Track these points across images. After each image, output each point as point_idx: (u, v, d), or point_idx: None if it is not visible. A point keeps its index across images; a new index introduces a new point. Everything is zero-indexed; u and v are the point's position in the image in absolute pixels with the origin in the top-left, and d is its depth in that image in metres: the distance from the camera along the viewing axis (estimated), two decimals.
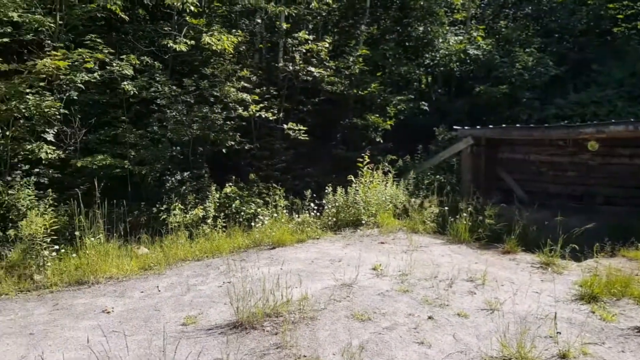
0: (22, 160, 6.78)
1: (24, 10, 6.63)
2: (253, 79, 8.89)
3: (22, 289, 5.16)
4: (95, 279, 5.39)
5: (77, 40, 7.46)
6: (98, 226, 5.94)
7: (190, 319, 4.32)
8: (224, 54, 8.03)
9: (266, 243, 6.80)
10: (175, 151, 7.97)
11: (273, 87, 9.41)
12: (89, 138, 7.38)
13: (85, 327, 4.20)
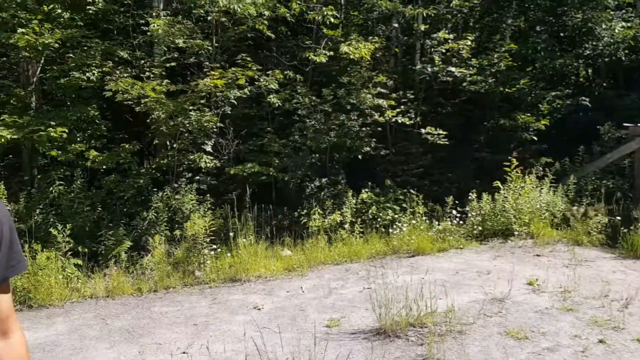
0: (186, 169, 7.79)
1: (187, 36, 7.63)
2: (389, 84, 8.90)
3: (186, 283, 5.89)
4: (246, 277, 5.90)
5: (230, 60, 8.34)
6: (248, 228, 6.51)
7: (334, 322, 4.44)
8: (361, 61, 8.20)
9: (405, 250, 6.71)
10: (314, 158, 8.37)
11: (409, 90, 9.30)
12: (240, 148, 8.16)
13: (239, 322, 4.60)
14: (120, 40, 8.46)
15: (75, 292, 5.48)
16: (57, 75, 7.63)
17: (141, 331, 4.51)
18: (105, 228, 6.49)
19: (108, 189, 7.18)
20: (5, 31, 7.24)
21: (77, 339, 4.35)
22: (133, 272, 6.00)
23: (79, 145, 7.11)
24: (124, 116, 8.42)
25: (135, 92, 6.84)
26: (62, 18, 7.77)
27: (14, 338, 1.24)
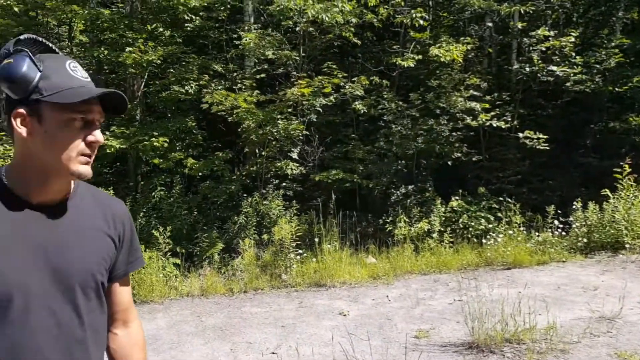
0: (273, 175, 8.13)
1: (276, 48, 8.01)
2: (482, 85, 8.57)
3: (273, 286, 6.12)
4: (331, 282, 5.99)
5: (316, 69, 8.60)
6: (333, 234, 6.62)
7: (422, 333, 4.36)
8: (452, 63, 7.99)
9: (499, 262, 6.39)
10: (400, 165, 8.30)
11: (505, 92, 8.87)
12: (325, 155, 8.34)
13: (325, 327, 4.69)
14: (215, 55, 9.10)
15: (173, 290, 5.95)
16: (159, 89, 8.40)
17: (233, 330, 4.76)
18: (201, 231, 6.98)
19: (203, 194, 7.72)
20: (114, 50, 8.14)
21: (175, 334, 4.70)
22: (225, 272, 6.37)
23: (178, 153, 7.74)
24: (218, 126, 9.01)
25: (229, 103, 7.30)
26: (164, 36, 8.56)
27: (133, 327, 1.36)
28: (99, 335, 1.21)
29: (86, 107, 1.07)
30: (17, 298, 1.03)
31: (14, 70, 1.03)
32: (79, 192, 1.20)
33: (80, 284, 1.13)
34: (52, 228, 1.11)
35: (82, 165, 1.09)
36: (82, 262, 1.14)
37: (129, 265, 1.30)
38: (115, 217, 1.24)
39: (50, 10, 8.76)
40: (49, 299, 1.08)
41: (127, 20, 8.44)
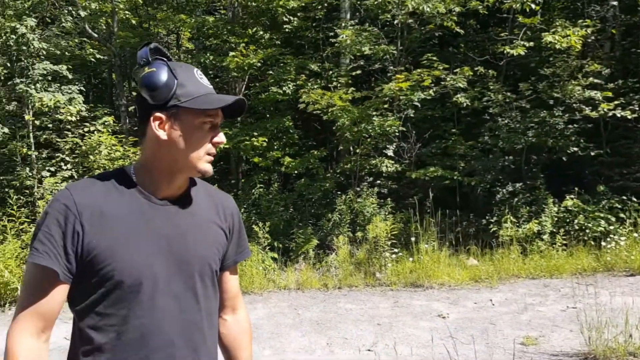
0: (368, 173, 8.16)
1: (372, 43, 8.03)
2: (604, 72, 7.81)
3: (367, 284, 6.16)
4: (428, 283, 5.88)
5: (414, 62, 8.47)
6: (430, 234, 6.48)
7: (530, 340, 4.11)
8: (568, 50, 7.38)
9: (621, 268, 5.81)
10: (507, 161, 7.86)
11: (632, 79, 7.99)
12: (422, 151, 8.18)
13: (423, 328, 4.61)
14: (311, 54, 9.38)
15: (271, 282, 6.25)
16: (259, 91, 8.86)
17: (328, 324, 4.88)
18: (296, 227, 7.24)
19: (299, 192, 7.99)
20: (218, 55, 8.74)
21: (274, 325, 4.92)
22: (319, 268, 6.55)
23: (276, 152, 8.11)
24: (313, 125, 9.27)
25: (324, 102, 7.48)
26: (263, 39, 9.01)
27: (241, 314, 1.46)
28: (212, 320, 1.31)
29: (214, 111, 1.21)
30: (146, 283, 1.16)
31: (157, 78, 1.16)
32: (195, 187, 1.31)
33: (199, 271, 1.24)
34: (174, 220, 1.23)
35: (207, 164, 1.22)
36: (199, 251, 1.25)
37: (237, 255, 1.40)
38: (225, 210, 1.35)
39: (161, 21, 9.69)
40: (172, 284, 1.20)
41: (230, 26, 9.03)
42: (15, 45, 7.25)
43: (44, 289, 1.13)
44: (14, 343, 1.11)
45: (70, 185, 1.20)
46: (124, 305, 1.15)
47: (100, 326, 1.15)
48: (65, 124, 7.82)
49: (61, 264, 1.12)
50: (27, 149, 7.54)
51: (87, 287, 1.15)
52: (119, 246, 1.14)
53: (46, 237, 1.12)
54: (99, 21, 9.75)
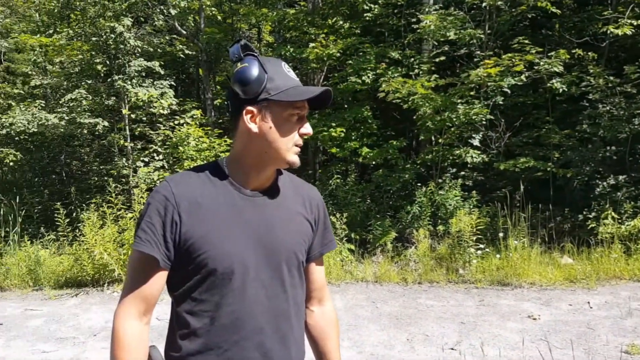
0: (451, 164, 7.82)
1: (457, 27, 7.64)
2: None
3: (450, 280, 5.91)
4: (517, 282, 5.51)
5: (504, 46, 7.96)
6: (520, 229, 6.06)
7: (636, 348, 3.71)
8: None
9: None
10: (608, 151, 7.14)
11: None
12: (512, 141, 7.68)
13: (511, 329, 4.33)
14: (392, 42, 9.14)
15: (348, 274, 6.21)
16: (337, 81, 8.81)
17: (408, 320, 4.74)
18: (374, 218, 7.12)
19: (377, 183, 7.86)
20: (298, 47, 8.80)
21: (352, 317, 4.87)
22: (398, 262, 6.39)
23: (353, 142, 8.02)
24: (392, 114, 9.05)
25: (405, 91, 7.25)
26: (343, 29, 8.93)
27: (327, 306, 1.48)
28: (299, 309, 1.35)
29: (302, 103, 1.24)
30: (237, 271, 1.21)
31: (249, 73, 1.21)
32: (281, 179, 1.36)
33: (286, 261, 1.28)
34: (263, 211, 1.28)
35: (295, 155, 1.26)
36: (287, 241, 1.29)
37: (323, 247, 1.42)
38: (311, 202, 1.39)
39: (243, 15, 9.96)
40: (261, 273, 1.24)
41: (310, 18, 9.06)
42: (114, 44, 7.80)
43: (145, 275, 1.22)
44: (120, 325, 1.21)
45: (170, 178, 1.27)
46: (216, 291, 1.21)
47: (196, 311, 1.22)
48: (157, 117, 8.31)
49: (161, 251, 1.20)
50: (123, 140, 8.11)
51: (183, 274, 1.23)
52: (212, 235, 1.20)
53: (148, 226, 1.21)
54: (187, 18, 10.23)
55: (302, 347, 1.36)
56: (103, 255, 6.09)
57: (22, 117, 7.65)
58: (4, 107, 8.81)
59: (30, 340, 4.54)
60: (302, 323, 1.38)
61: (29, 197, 8.56)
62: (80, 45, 8.15)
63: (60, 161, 9.47)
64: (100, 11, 7.80)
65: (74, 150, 9.72)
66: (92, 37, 7.98)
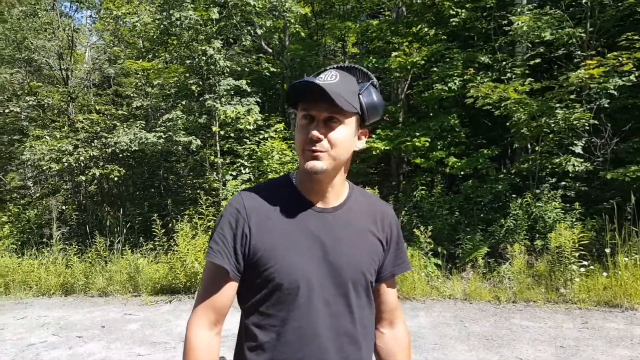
0: (550, 173, 7.27)
1: (554, 27, 7.15)
2: None
3: (549, 299, 5.45)
4: (628, 304, 4.97)
5: (608, 44, 7.31)
6: (631, 245, 5.45)
7: None
8: None
9: None
10: None
11: None
12: (620, 147, 6.97)
13: (620, 356, 3.91)
14: (481, 46, 8.79)
15: (434, 290, 5.97)
16: (422, 89, 8.63)
17: (500, 341, 4.45)
18: (463, 232, 6.81)
19: (465, 194, 7.52)
20: (381, 57, 8.78)
21: (437, 336, 4.67)
22: (490, 278, 6.03)
23: (439, 152, 7.78)
24: (482, 121, 8.66)
25: (496, 96, 6.91)
26: (428, 36, 8.77)
27: (399, 328, 1.43)
28: (368, 332, 1.31)
29: (307, 104, 1.21)
30: (302, 288, 1.21)
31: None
32: (353, 195, 1.34)
33: (352, 280, 1.26)
34: (330, 227, 1.26)
35: (311, 160, 1.20)
36: (354, 260, 1.26)
37: (395, 268, 1.39)
38: (384, 220, 1.35)
39: (328, 30, 10.18)
40: (325, 291, 1.23)
41: (393, 27, 9.02)
42: (205, 65, 8.36)
43: (217, 285, 1.24)
44: (191, 334, 1.24)
45: (243, 191, 1.31)
46: (283, 307, 1.22)
47: (263, 325, 1.24)
48: (244, 132, 8.73)
49: (231, 262, 1.23)
50: (214, 156, 8.61)
51: (252, 287, 1.25)
52: (278, 249, 1.22)
53: (220, 238, 1.24)
54: (272, 37, 10.69)
55: None
56: (194, 264, 6.47)
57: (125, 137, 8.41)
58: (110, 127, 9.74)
59: (128, 343, 4.89)
60: (371, 345, 1.35)
61: (131, 209, 9.37)
62: (176, 67, 8.84)
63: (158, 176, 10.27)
64: (194, 35, 8.41)
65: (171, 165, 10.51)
66: (187, 60, 8.62)
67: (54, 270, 7.44)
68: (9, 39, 10.22)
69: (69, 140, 9.28)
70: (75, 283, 7.17)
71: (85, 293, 7.10)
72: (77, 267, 7.38)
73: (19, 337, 5.17)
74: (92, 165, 9.23)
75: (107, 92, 13.17)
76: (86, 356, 4.56)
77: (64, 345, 4.85)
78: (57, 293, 7.17)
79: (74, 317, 5.89)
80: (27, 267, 7.48)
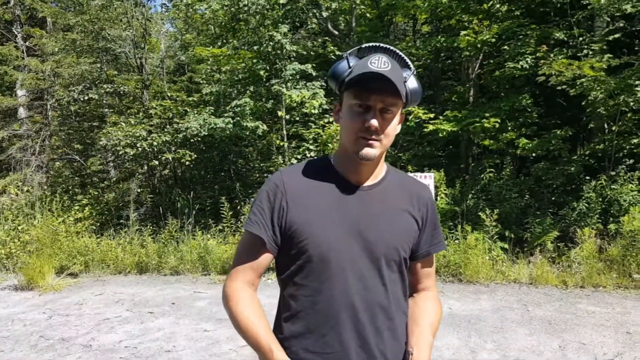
0: (627, 154, 7.08)
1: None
2: None
3: (619, 285, 5.46)
4: None
5: None
6: None
7: None
8: None
9: None
10: None
11: None
12: None
13: None
14: (557, 22, 8.57)
15: (499, 274, 6.12)
16: (493, 68, 8.58)
17: (563, 325, 4.56)
18: (532, 216, 6.85)
19: (536, 177, 7.50)
20: (450, 36, 8.80)
21: (498, 319, 4.83)
22: (558, 263, 6.09)
23: (510, 133, 7.76)
24: (557, 101, 8.49)
25: (570, 74, 6.81)
26: (500, 12, 8.66)
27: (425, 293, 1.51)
28: (400, 305, 1.40)
29: (364, 94, 1.28)
30: (334, 260, 1.30)
31: (334, 69, 1.35)
32: (389, 176, 1.44)
33: (385, 256, 1.34)
34: (366, 204, 1.36)
35: (365, 147, 1.29)
36: (388, 236, 1.35)
37: (431, 247, 1.47)
38: (420, 200, 1.44)
39: (397, 9, 10.25)
40: (359, 265, 1.32)
41: (464, 4, 8.98)
42: (273, 50, 8.79)
43: (252, 253, 1.36)
44: (230, 288, 1.36)
45: (283, 168, 1.42)
46: (315, 277, 1.31)
47: (297, 295, 1.34)
48: (310, 116, 9.09)
49: (268, 234, 1.34)
50: (280, 140, 9.08)
51: (287, 259, 1.35)
52: (313, 223, 1.31)
53: (258, 210, 1.36)
54: (339, 19, 10.92)
55: (402, 342, 1.39)
56: None
57: (195, 122, 8.94)
58: (182, 113, 10.41)
59: (195, 319, 5.20)
60: (404, 320, 1.41)
61: (202, 192, 10.02)
62: (245, 53, 9.35)
63: (228, 160, 10.90)
64: (261, 20, 8.85)
65: (240, 150, 11.09)
66: (254, 46, 9.08)
67: (130, 250, 7.98)
68: (87, 30, 11.12)
69: (143, 126, 9.88)
70: (149, 262, 7.66)
71: (158, 272, 7.59)
72: (151, 247, 7.88)
73: (96, 312, 5.59)
74: (165, 150, 9.87)
75: (181, 79, 14.03)
76: (156, 330, 4.90)
77: (136, 320, 5.24)
78: (132, 271, 7.70)
79: (146, 294, 6.29)
80: (105, 247, 8.02)
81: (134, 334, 4.84)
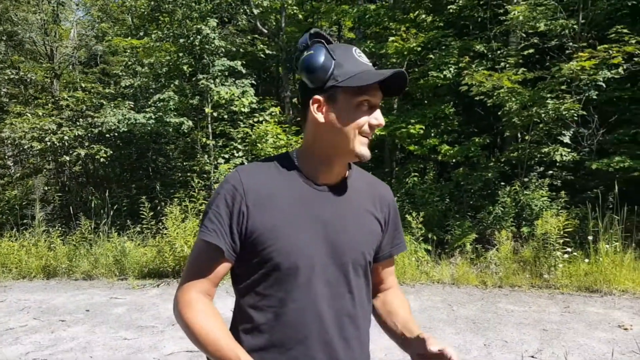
0: (538, 162, 7.64)
1: (548, 18, 7.42)
2: None
3: (533, 285, 5.84)
4: (607, 289, 5.36)
5: (599, 36, 7.60)
6: (613, 233, 5.84)
7: None
8: None
9: None
10: None
11: None
12: (606, 138, 7.35)
13: (599, 338, 4.26)
14: (477, 34, 9.06)
15: (424, 274, 6.32)
16: (417, 76, 8.88)
17: (486, 324, 4.76)
18: (452, 219, 7.16)
19: (456, 182, 7.86)
20: (378, 43, 8.98)
21: (426, 319, 4.96)
22: (477, 264, 6.40)
23: (433, 140, 8.07)
24: (475, 109, 8.97)
25: (490, 84, 7.20)
26: (425, 22, 8.98)
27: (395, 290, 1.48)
28: (366, 312, 1.34)
29: (372, 90, 1.20)
30: (302, 268, 1.20)
31: (314, 60, 1.19)
32: (353, 174, 1.34)
33: (352, 260, 1.26)
34: (332, 207, 1.26)
35: (364, 147, 1.23)
36: (355, 240, 1.27)
37: (392, 248, 1.41)
38: (382, 201, 1.37)
39: (324, 13, 10.31)
40: (326, 271, 1.23)
41: (391, 12, 9.21)
42: (199, 45, 8.43)
43: (208, 263, 1.23)
44: (183, 298, 1.22)
45: (240, 168, 1.27)
46: (282, 287, 1.20)
47: (260, 306, 1.22)
48: (238, 115, 8.86)
49: (227, 242, 1.20)
50: (206, 138, 8.75)
51: (249, 267, 1.23)
52: (279, 229, 1.20)
53: (215, 216, 1.21)
54: (269, 18, 10.77)
55: (367, 350, 1.35)
56: (184, 247, 6.57)
57: (113, 117, 8.37)
58: (97, 105, 9.72)
59: (114, 327, 4.88)
60: (368, 327, 1.35)
61: (118, 191, 9.43)
62: (169, 46, 8.91)
63: (147, 157, 10.34)
64: (187, 13, 8.46)
65: (160, 147, 10.58)
66: (180, 39, 8.67)
67: (36, 253, 7.37)
68: None
69: (53, 118, 9.19)
70: (58, 266, 7.12)
71: (68, 276, 7.06)
72: (60, 249, 7.31)
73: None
74: (77, 145, 9.23)
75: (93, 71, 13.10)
76: (69, 340, 4.55)
77: (45, 329, 4.86)
78: (38, 276, 7.12)
79: (56, 301, 5.85)
80: (6, 250, 7.40)
81: (43, 344, 4.43)
